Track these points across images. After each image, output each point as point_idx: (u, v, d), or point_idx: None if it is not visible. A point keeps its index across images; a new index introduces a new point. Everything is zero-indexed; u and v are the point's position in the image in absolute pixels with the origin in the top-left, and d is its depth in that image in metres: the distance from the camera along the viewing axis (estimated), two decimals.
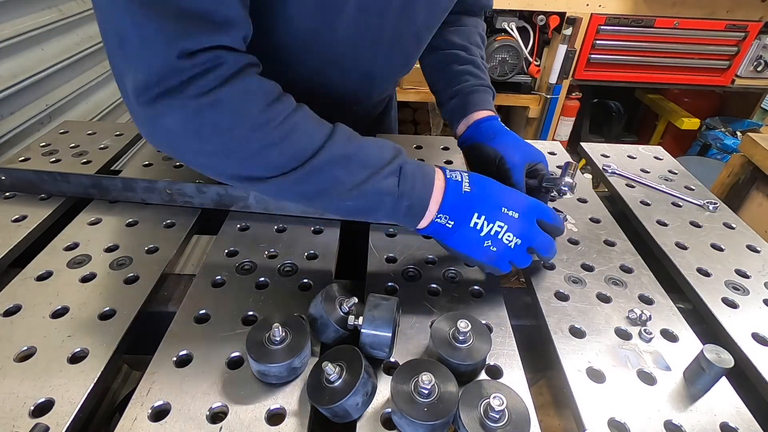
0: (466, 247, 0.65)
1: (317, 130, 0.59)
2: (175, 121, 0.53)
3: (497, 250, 0.64)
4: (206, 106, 0.52)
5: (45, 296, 0.66)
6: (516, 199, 0.65)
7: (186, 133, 0.54)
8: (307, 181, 0.59)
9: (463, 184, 0.64)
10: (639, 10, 2.38)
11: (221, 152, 0.56)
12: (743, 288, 0.75)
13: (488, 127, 0.85)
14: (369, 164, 0.60)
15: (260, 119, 0.55)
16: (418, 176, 0.62)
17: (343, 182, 0.59)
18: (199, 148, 0.56)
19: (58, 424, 0.49)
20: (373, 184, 0.60)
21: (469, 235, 0.63)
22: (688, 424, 0.54)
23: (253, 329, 0.57)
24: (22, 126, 1.29)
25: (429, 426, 0.49)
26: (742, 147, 1.50)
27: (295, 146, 0.57)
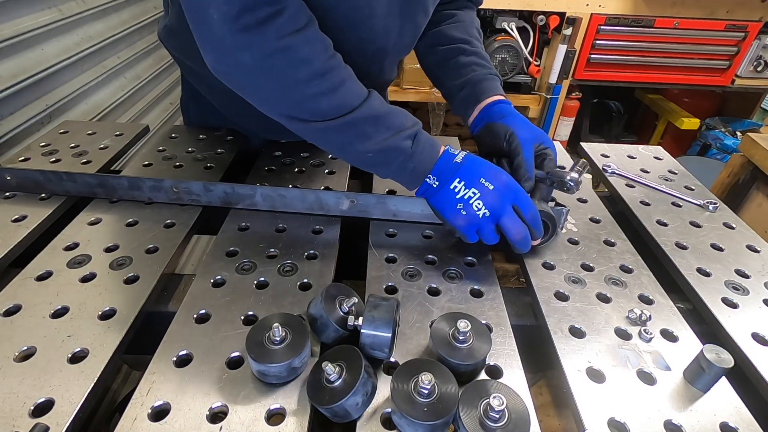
0: (442, 207, 0.74)
1: (359, 89, 0.70)
2: (252, 57, 0.62)
3: (466, 214, 0.72)
4: (281, 50, 0.62)
5: (45, 296, 0.66)
6: (496, 175, 0.72)
7: (258, 69, 0.64)
8: (342, 131, 0.69)
9: (457, 157, 0.74)
10: (639, 10, 2.38)
11: (281, 92, 0.66)
12: (743, 288, 0.75)
13: (500, 109, 0.89)
14: (393, 126, 0.71)
15: (321, 68, 0.65)
16: (427, 145, 0.73)
17: (371, 137, 0.70)
18: (263, 85, 0.66)
19: (58, 424, 0.49)
20: (393, 142, 0.71)
21: (446, 196, 0.73)
22: (688, 424, 0.54)
23: (253, 329, 0.57)
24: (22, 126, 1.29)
25: (429, 426, 0.49)
26: (742, 147, 1.50)
27: (341, 98, 0.67)
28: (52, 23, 1.42)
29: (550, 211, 0.77)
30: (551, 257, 0.79)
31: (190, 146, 1.06)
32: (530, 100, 2.65)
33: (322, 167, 1.01)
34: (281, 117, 0.70)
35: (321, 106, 0.66)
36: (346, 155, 0.76)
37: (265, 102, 0.69)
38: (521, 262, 0.79)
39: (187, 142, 1.08)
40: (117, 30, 1.74)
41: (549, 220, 0.77)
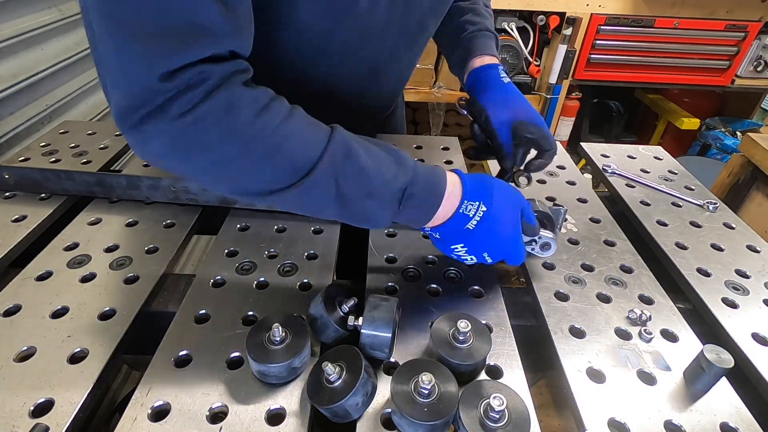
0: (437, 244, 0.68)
1: (313, 139, 0.55)
2: (162, 143, 0.50)
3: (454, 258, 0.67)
4: (190, 125, 0.49)
5: (45, 296, 0.66)
6: (500, 250, 0.65)
7: (175, 153, 0.51)
8: (304, 198, 0.56)
9: (471, 221, 0.61)
10: (639, 10, 2.38)
11: (213, 170, 0.54)
12: (743, 288, 0.75)
13: (484, 78, 0.81)
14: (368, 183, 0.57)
15: (247, 132, 0.51)
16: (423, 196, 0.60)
17: (342, 199, 0.56)
18: (191, 167, 0.54)
19: (58, 424, 0.49)
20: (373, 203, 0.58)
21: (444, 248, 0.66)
22: (688, 424, 0.54)
23: (253, 329, 0.57)
24: (22, 126, 1.29)
25: (429, 426, 0.49)
26: (742, 147, 1.50)
27: (290, 157, 0.53)
28: (52, 23, 1.42)
29: (548, 211, 0.77)
30: (551, 257, 0.79)
31: None
32: (530, 100, 2.64)
33: None
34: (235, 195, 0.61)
35: (266, 175, 0.54)
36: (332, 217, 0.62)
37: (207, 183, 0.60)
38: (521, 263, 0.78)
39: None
40: None
41: (547, 219, 0.77)
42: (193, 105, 0.48)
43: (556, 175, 1.04)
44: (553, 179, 1.02)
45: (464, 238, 0.63)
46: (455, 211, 0.61)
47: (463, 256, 0.66)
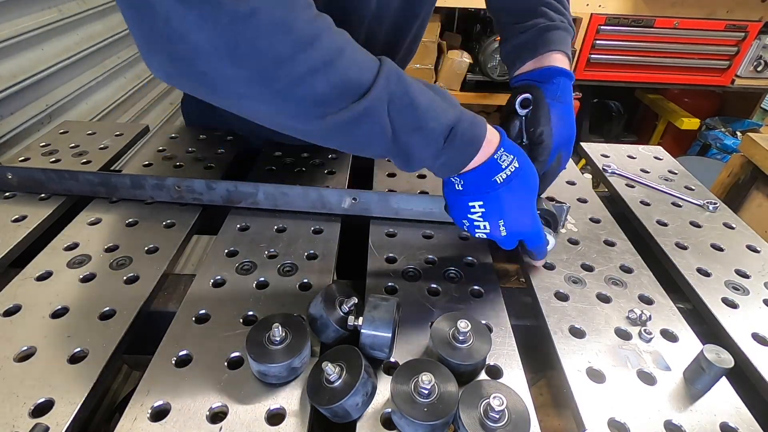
0: (452, 209, 0.66)
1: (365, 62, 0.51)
2: (205, 36, 0.42)
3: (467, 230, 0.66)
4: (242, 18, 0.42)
5: (45, 296, 0.66)
6: (517, 222, 0.63)
7: (217, 52, 0.44)
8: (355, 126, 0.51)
9: (502, 173, 0.60)
10: (639, 10, 2.38)
11: (261, 77, 0.46)
12: (743, 288, 0.75)
13: (560, 86, 0.73)
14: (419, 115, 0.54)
15: (305, 39, 0.45)
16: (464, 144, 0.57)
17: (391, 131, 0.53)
18: (233, 74, 0.46)
19: (58, 424, 0.49)
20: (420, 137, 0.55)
21: (462, 206, 0.63)
22: (688, 424, 0.54)
23: (253, 329, 0.57)
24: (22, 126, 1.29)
25: (429, 426, 0.49)
26: (742, 147, 1.50)
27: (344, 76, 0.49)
28: (52, 23, 1.42)
29: (552, 208, 0.77)
30: (551, 257, 0.79)
31: (190, 146, 1.06)
32: None
33: (322, 167, 1.01)
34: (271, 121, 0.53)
35: (319, 89, 0.48)
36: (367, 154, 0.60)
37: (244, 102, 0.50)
38: (521, 262, 0.79)
39: (187, 142, 1.08)
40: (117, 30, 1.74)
41: (550, 217, 0.77)
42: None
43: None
44: None
45: (487, 193, 0.60)
46: (489, 157, 0.59)
47: (476, 221, 0.62)
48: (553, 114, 0.71)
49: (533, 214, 0.65)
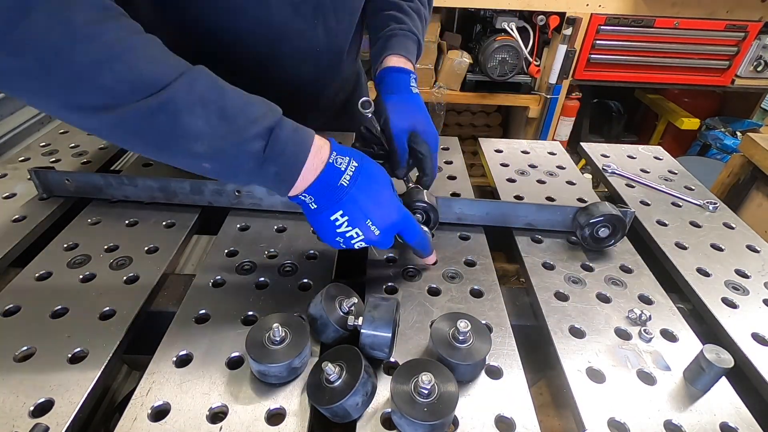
0: (320, 231, 0.63)
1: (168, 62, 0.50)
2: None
3: (345, 246, 0.64)
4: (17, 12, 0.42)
5: (45, 296, 0.66)
6: (383, 216, 0.61)
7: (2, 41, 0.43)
8: (150, 123, 0.49)
9: (344, 175, 0.58)
10: (639, 10, 2.38)
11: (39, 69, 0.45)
12: (743, 288, 0.75)
13: (392, 81, 0.80)
14: (231, 117, 0.51)
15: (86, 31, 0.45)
16: (291, 143, 0.55)
17: (197, 135, 0.50)
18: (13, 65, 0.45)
19: (58, 424, 0.49)
20: (234, 144, 0.52)
21: (326, 225, 0.61)
22: (687, 424, 0.54)
23: (253, 329, 0.57)
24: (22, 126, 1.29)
25: (429, 426, 0.49)
26: (742, 147, 1.50)
27: (134, 70, 0.47)
28: None
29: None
30: (551, 257, 0.79)
31: None
32: (530, 100, 2.65)
33: None
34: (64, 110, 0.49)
35: (105, 81, 0.46)
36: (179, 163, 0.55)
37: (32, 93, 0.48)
38: (521, 262, 0.79)
39: None
40: None
41: (618, 222, 0.77)
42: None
43: (556, 175, 1.04)
44: (553, 179, 1.02)
45: (341, 200, 0.58)
46: (326, 163, 0.58)
47: (346, 232, 0.61)
48: (389, 105, 0.75)
49: (397, 206, 0.64)
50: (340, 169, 0.58)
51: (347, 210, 0.59)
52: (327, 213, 0.59)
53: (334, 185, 0.58)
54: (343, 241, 0.62)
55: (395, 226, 0.63)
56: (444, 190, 0.95)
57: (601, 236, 0.78)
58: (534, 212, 0.83)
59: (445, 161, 1.06)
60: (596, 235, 0.78)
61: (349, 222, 0.60)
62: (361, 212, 0.60)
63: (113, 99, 0.47)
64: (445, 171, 1.02)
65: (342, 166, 0.58)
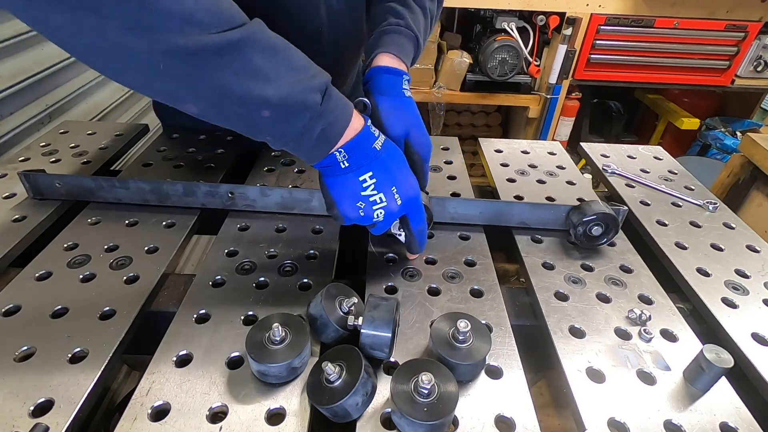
0: (340, 195, 0.62)
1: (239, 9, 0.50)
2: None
3: (363, 215, 0.63)
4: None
5: (45, 296, 0.66)
6: (408, 186, 0.64)
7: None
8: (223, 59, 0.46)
9: (377, 141, 0.62)
10: (639, 10, 2.38)
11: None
12: (743, 288, 0.75)
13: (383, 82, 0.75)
14: (296, 67, 0.53)
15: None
16: (340, 103, 0.58)
17: (267, 77, 0.50)
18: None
19: (58, 424, 0.49)
20: (298, 90, 0.52)
21: (351, 186, 0.61)
22: (687, 424, 0.54)
23: (253, 329, 0.57)
24: (22, 126, 1.29)
25: (429, 426, 0.49)
26: (742, 147, 1.50)
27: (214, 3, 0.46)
28: None
29: (611, 211, 0.77)
30: (551, 257, 0.79)
31: (190, 146, 1.06)
32: (530, 100, 2.65)
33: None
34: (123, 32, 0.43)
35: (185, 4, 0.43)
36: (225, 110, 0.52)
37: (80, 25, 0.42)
38: (521, 262, 0.79)
39: (187, 142, 1.08)
40: None
41: (611, 221, 0.77)
42: None
43: (556, 175, 1.04)
44: (553, 179, 1.03)
45: (374, 160, 0.60)
46: (364, 126, 0.61)
47: (371, 195, 0.61)
48: (383, 110, 0.72)
49: (416, 184, 0.66)
50: (375, 135, 0.62)
51: (377, 172, 0.61)
52: (357, 172, 0.60)
53: (368, 147, 0.60)
54: (365, 206, 0.62)
55: (412, 202, 0.65)
56: (444, 190, 0.95)
57: (594, 234, 0.79)
58: (528, 211, 0.84)
59: (445, 161, 1.06)
60: (589, 234, 0.79)
61: (376, 185, 0.61)
62: (389, 177, 0.62)
63: (191, 25, 0.44)
64: (445, 171, 1.02)
65: (375, 133, 0.62)
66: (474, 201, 0.85)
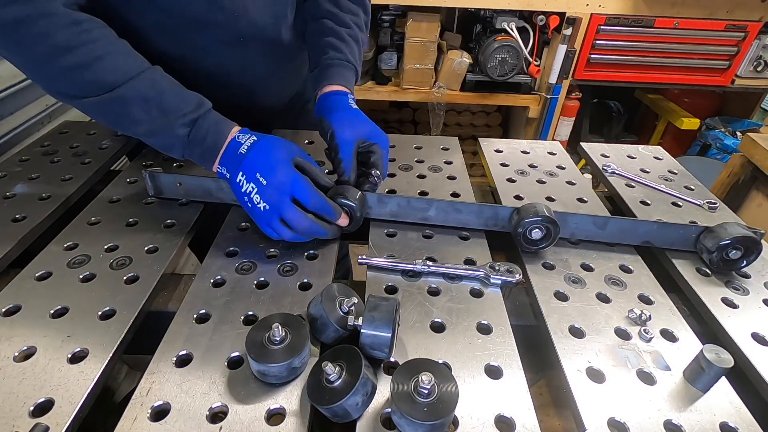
0: (236, 196, 0.74)
1: (129, 66, 0.70)
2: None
3: (251, 207, 0.72)
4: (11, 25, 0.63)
5: (45, 296, 0.66)
6: (271, 170, 0.71)
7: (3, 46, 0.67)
8: (108, 109, 0.71)
9: (242, 146, 0.72)
10: (639, 10, 2.38)
11: (32, 67, 0.69)
12: (743, 288, 0.75)
13: (332, 102, 0.87)
14: (166, 110, 0.71)
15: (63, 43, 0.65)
16: (212, 131, 0.73)
17: (139, 121, 0.70)
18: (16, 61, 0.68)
19: (58, 424, 0.49)
20: (165, 128, 0.71)
21: (236, 189, 0.73)
22: (687, 424, 0.54)
23: (253, 329, 0.57)
24: (22, 126, 1.29)
25: (429, 426, 0.49)
26: (742, 147, 1.50)
27: (96, 75, 0.67)
28: None
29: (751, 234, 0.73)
30: (551, 257, 0.79)
31: None
32: (530, 100, 2.65)
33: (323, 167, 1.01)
34: (54, 94, 0.73)
35: (75, 81, 0.68)
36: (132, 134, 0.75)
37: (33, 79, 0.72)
38: (521, 262, 0.79)
39: None
40: None
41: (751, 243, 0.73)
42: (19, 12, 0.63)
43: (556, 175, 1.04)
44: (553, 179, 1.03)
45: (240, 162, 0.71)
46: (230, 140, 0.74)
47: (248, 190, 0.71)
48: (333, 120, 0.83)
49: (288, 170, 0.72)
50: (240, 142, 0.73)
51: (245, 169, 0.71)
52: (234, 177, 0.72)
53: (234, 153, 0.72)
54: (248, 200, 0.72)
55: (285, 185, 0.70)
56: (444, 190, 0.95)
57: (732, 258, 0.75)
58: (654, 230, 0.80)
59: (445, 161, 1.06)
60: (727, 258, 0.75)
61: (246, 178, 0.71)
62: (252, 168, 0.71)
63: (82, 92, 0.69)
64: (445, 171, 1.02)
65: (241, 140, 0.73)
66: (600, 218, 0.81)
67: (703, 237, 0.77)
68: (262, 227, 0.74)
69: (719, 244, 0.74)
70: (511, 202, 0.93)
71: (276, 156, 0.72)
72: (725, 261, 0.76)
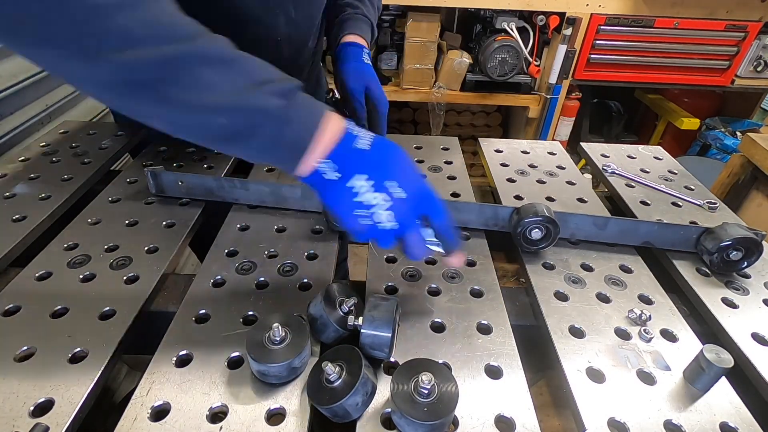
0: (337, 207, 0.55)
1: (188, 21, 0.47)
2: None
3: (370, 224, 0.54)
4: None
5: (45, 296, 0.66)
6: (411, 178, 0.55)
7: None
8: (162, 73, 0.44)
9: (363, 141, 0.54)
10: (639, 10, 2.38)
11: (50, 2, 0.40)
12: (743, 288, 0.75)
13: (347, 53, 0.92)
14: (253, 74, 0.49)
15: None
16: (309, 106, 0.52)
17: (217, 88, 0.47)
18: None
19: (58, 424, 0.49)
20: (255, 97, 0.48)
21: (344, 195, 0.53)
22: (687, 424, 0.54)
23: (253, 329, 0.57)
24: (22, 126, 1.29)
25: (429, 426, 0.49)
26: (742, 147, 1.50)
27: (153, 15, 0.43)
28: None
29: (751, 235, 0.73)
30: (551, 257, 0.79)
31: (190, 147, 1.06)
32: (530, 100, 2.65)
33: None
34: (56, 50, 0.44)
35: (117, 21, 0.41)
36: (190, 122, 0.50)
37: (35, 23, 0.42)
38: (521, 262, 0.79)
39: (187, 142, 1.08)
40: None
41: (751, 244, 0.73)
42: None
43: (556, 175, 1.04)
44: (553, 179, 1.02)
45: (363, 162, 0.53)
46: (345, 130, 0.54)
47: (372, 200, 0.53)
48: (344, 71, 0.90)
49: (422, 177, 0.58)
50: (359, 136, 0.54)
51: (371, 171, 0.53)
52: (346, 178, 0.53)
53: (354, 148, 0.53)
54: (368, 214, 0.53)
55: (423, 196, 0.56)
56: (444, 190, 0.95)
57: (733, 259, 0.75)
58: (655, 231, 0.80)
59: (445, 161, 1.06)
60: (728, 259, 0.75)
61: (374, 186, 0.53)
62: (385, 172, 0.53)
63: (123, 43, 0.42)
64: (445, 171, 1.02)
65: (359, 133, 0.55)
66: (600, 218, 0.80)
67: (703, 238, 0.77)
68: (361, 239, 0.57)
69: (720, 245, 0.74)
70: (511, 202, 0.93)
71: (409, 161, 0.56)
72: (726, 262, 0.76)
